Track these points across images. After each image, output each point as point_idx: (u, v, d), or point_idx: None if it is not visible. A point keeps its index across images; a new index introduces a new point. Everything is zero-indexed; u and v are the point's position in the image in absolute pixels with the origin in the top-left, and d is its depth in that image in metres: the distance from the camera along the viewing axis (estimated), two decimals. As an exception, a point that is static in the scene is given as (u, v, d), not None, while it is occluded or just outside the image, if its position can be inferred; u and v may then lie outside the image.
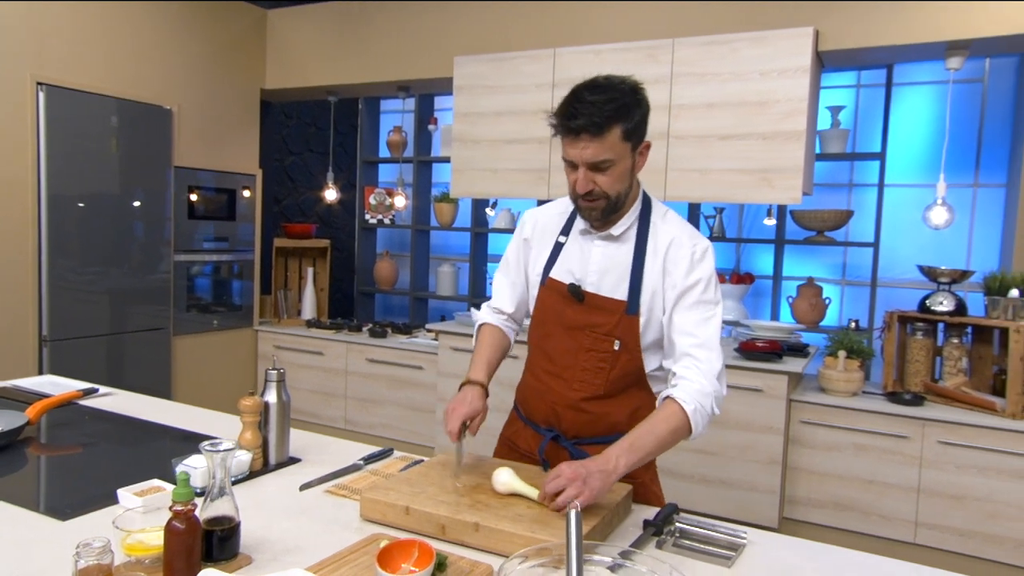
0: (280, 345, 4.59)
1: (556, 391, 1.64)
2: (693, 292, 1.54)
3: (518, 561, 1.06)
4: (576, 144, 1.46)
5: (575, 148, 1.47)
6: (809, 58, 3.08)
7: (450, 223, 5.21)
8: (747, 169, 3.23)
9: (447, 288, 5.25)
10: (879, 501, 3.07)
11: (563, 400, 1.63)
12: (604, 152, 1.45)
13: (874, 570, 1.34)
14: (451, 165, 3.99)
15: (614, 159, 1.47)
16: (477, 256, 5.09)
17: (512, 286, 1.79)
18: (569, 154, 1.49)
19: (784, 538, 1.47)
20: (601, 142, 1.44)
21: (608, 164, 1.47)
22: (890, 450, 3.04)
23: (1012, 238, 3.77)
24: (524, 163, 3.74)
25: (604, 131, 1.43)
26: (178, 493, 1.14)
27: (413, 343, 4.26)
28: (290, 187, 5.57)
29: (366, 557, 1.25)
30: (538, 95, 3.67)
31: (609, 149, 1.45)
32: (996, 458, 2.87)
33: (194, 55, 4.17)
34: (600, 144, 1.44)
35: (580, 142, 1.45)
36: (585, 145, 1.45)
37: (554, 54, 3.62)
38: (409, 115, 5.79)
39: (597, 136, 1.43)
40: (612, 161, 1.47)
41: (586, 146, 1.45)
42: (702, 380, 1.49)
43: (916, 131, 4.17)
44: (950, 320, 3.12)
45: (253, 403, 1.67)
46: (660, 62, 3.38)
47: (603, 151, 1.45)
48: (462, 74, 3.87)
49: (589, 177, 1.49)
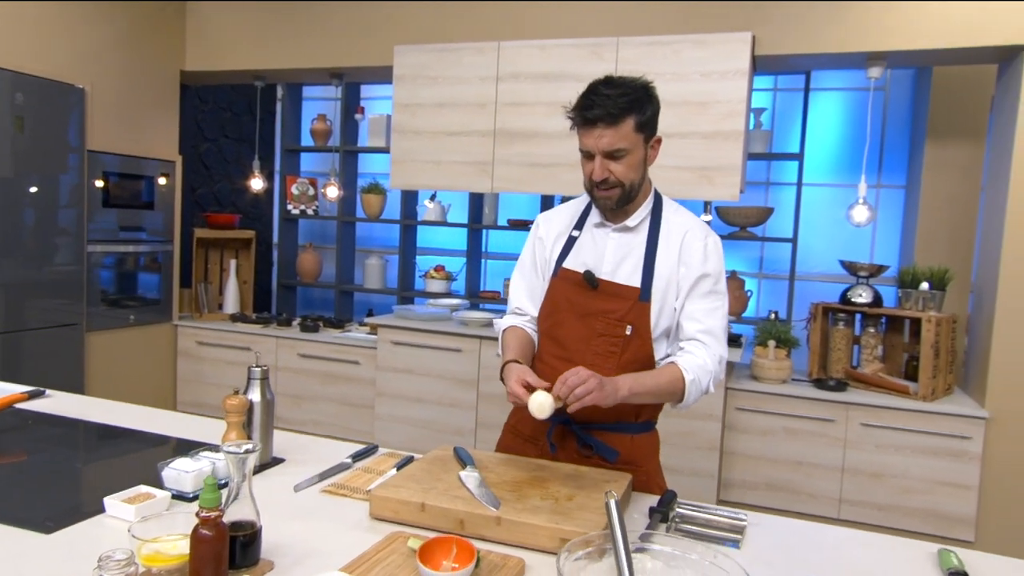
0: (203, 341, 4.37)
1: (563, 372, 1.65)
2: (705, 282, 1.63)
3: (571, 554, 1.08)
4: (592, 133, 1.53)
5: (591, 137, 1.54)
6: (747, 62, 3.23)
7: (378, 214, 5.12)
8: (689, 167, 3.36)
9: (375, 281, 5.15)
10: (807, 481, 3.28)
11: None
12: (619, 141, 1.52)
13: (868, 545, 1.44)
14: (390, 156, 3.91)
15: (628, 148, 1.54)
16: (407, 248, 5.02)
17: (530, 287, 1.81)
18: (585, 143, 1.56)
19: (778, 519, 1.55)
20: (616, 131, 1.51)
21: (622, 153, 1.54)
22: (817, 433, 3.25)
23: (912, 235, 4.10)
24: (468, 156, 3.73)
25: (619, 121, 1.51)
26: (206, 499, 1.08)
27: (348, 337, 4.16)
28: (205, 175, 5.30)
29: (395, 556, 1.23)
30: (482, 87, 3.66)
31: (623, 138, 1.52)
32: (910, 437, 3.12)
33: (107, 31, 3.89)
34: (615, 133, 1.52)
35: (596, 131, 1.52)
36: (601, 134, 1.52)
37: (498, 47, 3.62)
38: (332, 103, 5.64)
39: (612, 125, 1.51)
40: (626, 150, 1.54)
41: (602, 135, 1.52)
42: (706, 359, 1.59)
43: (824, 134, 4.46)
44: (869, 311, 3.37)
45: (239, 402, 1.60)
46: (605, 60, 3.45)
47: (618, 140, 1.52)
48: (403, 63, 3.81)
49: (604, 166, 1.55)
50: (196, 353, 4.39)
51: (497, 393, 3.66)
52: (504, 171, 3.66)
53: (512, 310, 1.83)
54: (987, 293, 3.16)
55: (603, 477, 1.56)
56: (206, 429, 1.96)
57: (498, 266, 5.21)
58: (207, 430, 1.95)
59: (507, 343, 1.74)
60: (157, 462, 1.51)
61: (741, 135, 3.28)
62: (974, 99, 3.86)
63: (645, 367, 1.65)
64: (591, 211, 1.73)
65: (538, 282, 1.79)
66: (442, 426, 3.77)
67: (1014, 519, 3.05)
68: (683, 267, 1.63)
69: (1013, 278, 3.00)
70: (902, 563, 1.36)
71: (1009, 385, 3.03)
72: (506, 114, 3.63)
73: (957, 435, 3.06)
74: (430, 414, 3.79)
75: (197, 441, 1.82)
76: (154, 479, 1.49)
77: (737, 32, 3.26)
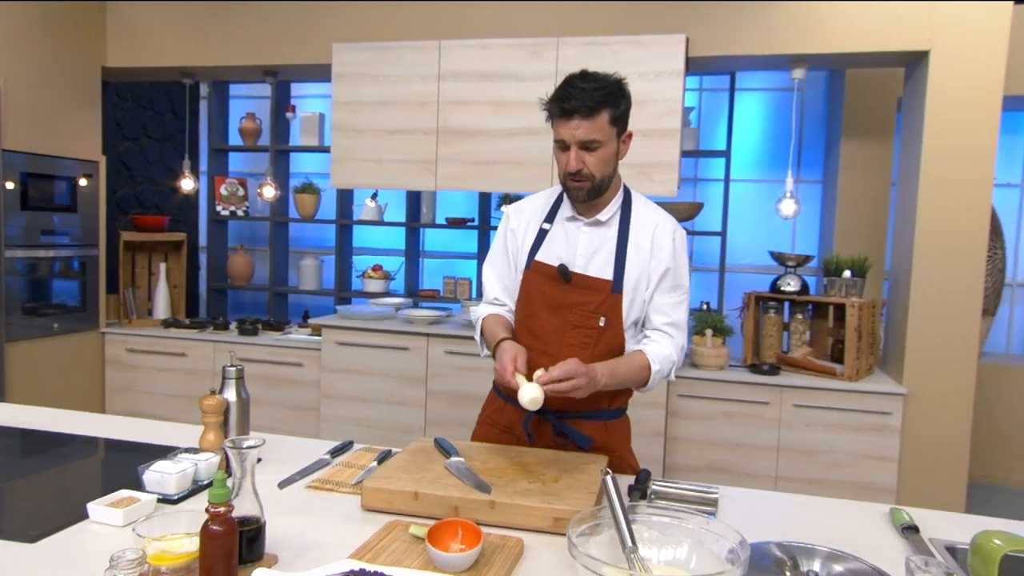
0: (134, 348, 4.20)
1: (543, 366, 1.69)
2: (672, 275, 1.71)
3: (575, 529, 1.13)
4: (568, 124, 1.59)
5: (567, 128, 1.59)
6: (682, 62, 3.37)
7: (313, 215, 5.04)
8: (629, 164, 3.44)
9: (311, 282, 5.08)
10: (746, 461, 3.45)
11: None
12: (593, 132, 1.58)
13: (827, 509, 1.56)
14: (331, 155, 3.87)
15: (602, 140, 1.60)
16: (343, 248, 4.97)
17: (502, 278, 1.85)
18: (561, 134, 1.61)
19: (744, 490, 1.66)
20: (591, 123, 1.57)
21: (597, 145, 1.60)
22: (753, 415, 3.43)
23: (830, 227, 4.37)
24: (411, 154, 3.73)
25: (594, 113, 1.57)
26: (215, 494, 1.09)
27: (289, 339, 4.09)
28: (127, 176, 5.09)
29: (398, 543, 1.26)
30: (424, 86, 3.68)
31: (598, 131, 1.59)
32: (838, 415, 3.34)
33: (21, 24, 3.68)
34: (591, 125, 1.57)
35: (572, 122, 1.58)
36: (577, 125, 1.58)
37: (439, 46, 3.65)
38: (260, 101, 5.51)
39: (588, 117, 1.57)
40: (600, 142, 1.60)
41: (578, 126, 1.58)
42: (671, 350, 1.68)
43: (747, 132, 4.70)
44: (797, 299, 3.58)
45: (216, 402, 1.59)
46: (545, 59, 3.52)
47: (593, 131, 1.58)
48: (341, 61, 3.78)
49: (579, 157, 1.61)
50: (126, 361, 4.22)
51: (446, 390, 3.69)
52: (448, 169, 3.69)
53: (490, 300, 1.86)
54: (902, 279, 3.41)
55: (582, 460, 1.63)
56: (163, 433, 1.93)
57: (435, 264, 5.22)
58: (164, 434, 1.92)
59: (491, 326, 1.77)
60: (122, 467, 1.49)
61: (677, 133, 3.42)
62: (883, 100, 4.15)
63: (617, 356, 1.72)
64: (562, 204, 1.78)
65: (510, 273, 1.83)
66: (390, 425, 3.77)
67: (929, 486, 3.31)
68: (653, 260, 1.70)
69: (925, 266, 3.26)
70: (861, 522, 1.49)
71: (923, 363, 3.28)
72: (449, 112, 3.66)
73: (879, 411, 3.29)
74: (378, 413, 3.77)
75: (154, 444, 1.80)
76: (129, 483, 1.47)
77: (672, 34, 3.40)
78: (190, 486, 1.47)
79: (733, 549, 1.10)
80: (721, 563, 1.11)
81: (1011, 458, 4.28)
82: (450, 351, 3.66)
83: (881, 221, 4.20)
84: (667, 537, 1.19)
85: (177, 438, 1.87)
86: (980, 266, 3.20)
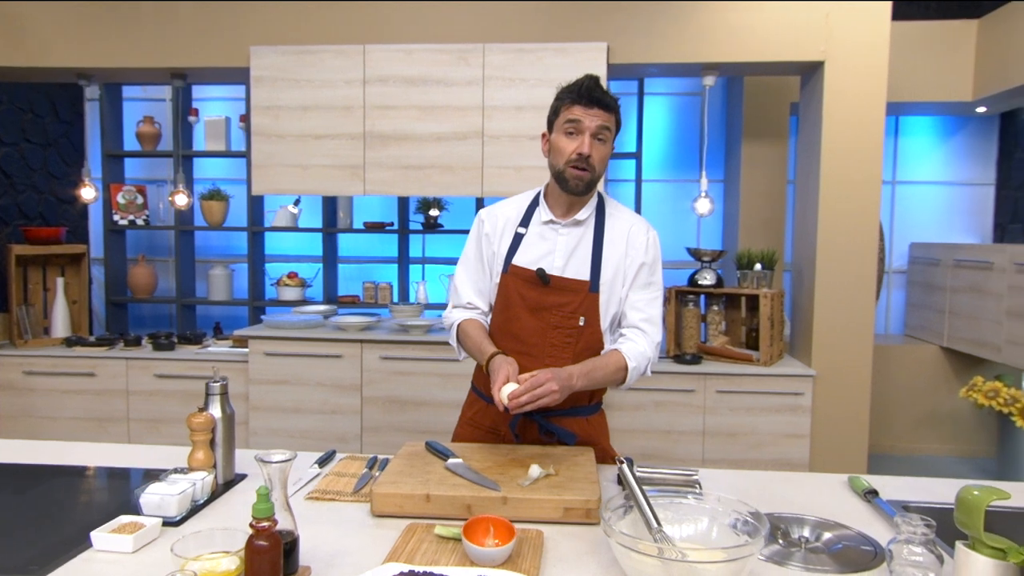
0: (31, 370, 3.90)
1: (527, 368, 1.75)
2: (647, 273, 1.80)
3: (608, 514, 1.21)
4: (589, 112, 1.68)
5: (588, 114, 1.68)
6: (604, 69, 3.52)
7: (221, 222, 4.86)
8: (556, 167, 3.58)
9: (221, 292, 4.89)
10: (675, 447, 3.65)
11: None
12: (608, 123, 1.70)
13: (793, 482, 1.72)
14: (252, 161, 3.75)
15: (611, 134, 1.72)
16: (256, 256, 4.82)
17: (476, 281, 1.88)
18: (578, 115, 1.69)
19: (716, 471, 1.79)
20: (607, 117, 1.70)
21: (607, 136, 1.71)
22: (680, 403, 3.63)
23: (732, 224, 4.68)
24: (337, 159, 3.68)
25: (611, 111, 1.70)
26: (259, 509, 1.09)
27: (210, 353, 3.93)
28: (6, 184, 4.70)
29: (427, 545, 1.29)
30: (349, 91, 3.64)
31: (611, 124, 1.71)
32: (756, 399, 3.60)
33: None
34: (607, 117, 1.69)
35: (594, 110, 1.68)
36: (597, 114, 1.68)
37: (363, 50, 3.62)
38: (157, 104, 5.24)
39: (606, 112, 1.69)
40: (609, 135, 1.72)
41: (598, 115, 1.68)
42: (646, 346, 1.76)
43: (653, 134, 4.95)
44: (714, 291, 3.82)
45: (205, 420, 1.55)
46: (472, 65, 3.58)
47: (607, 122, 1.70)
48: (260, 65, 3.67)
49: (591, 144, 1.69)
50: (23, 385, 3.91)
51: (382, 396, 3.67)
52: (376, 174, 3.67)
53: (463, 305, 1.90)
54: (806, 271, 3.72)
55: (571, 453, 1.71)
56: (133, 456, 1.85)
57: (352, 270, 5.15)
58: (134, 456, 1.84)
59: (470, 334, 1.81)
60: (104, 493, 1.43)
61: (602, 137, 3.57)
62: (777, 104, 4.49)
63: (597, 354, 1.81)
64: (537, 209, 1.85)
65: (484, 277, 1.88)
66: (324, 434, 3.70)
67: (837, 459, 3.63)
68: (628, 257, 1.80)
69: (827, 257, 3.56)
70: (825, 491, 1.65)
71: (829, 346, 3.59)
72: (375, 117, 3.64)
73: (792, 392, 3.57)
74: (310, 423, 3.70)
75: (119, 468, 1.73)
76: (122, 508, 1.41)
77: (594, 42, 3.54)
78: (189, 506, 1.43)
79: (747, 522, 1.21)
80: (736, 536, 1.22)
81: (895, 428, 4.74)
82: (385, 356, 3.64)
83: (779, 216, 4.54)
84: (684, 516, 1.29)
85: (138, 459, 1.79)
86: (873, 256, 3.55)
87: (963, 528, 1.09)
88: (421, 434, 3.65)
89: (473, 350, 1.80)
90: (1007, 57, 4.16)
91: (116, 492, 1.65)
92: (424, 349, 3.63)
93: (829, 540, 1.37)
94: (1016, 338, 3.85)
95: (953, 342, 4.47)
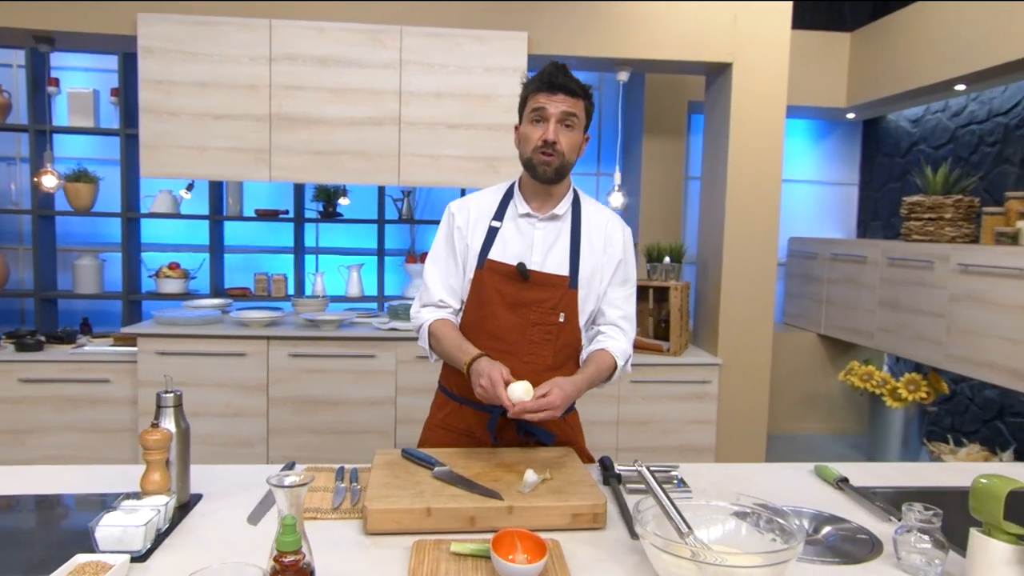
0: None
1: (507, 366, 1.68)
2: (623, 270, 1.78)
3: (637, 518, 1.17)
4: (553, 98, 1.63)
5: (552, 101, 1.64)
6: (524, 59, 3.48)
7: (90, 207, 4.37)
8: (476, 156, 3.51)
9: (90, 285, 4.40)
10: (592, 438, 3.66)
11: (514, 374, 1.69)
12: (575, 108, 1.65)
13: (765, 473, 1.77)
14: (140, 140, 3.38)
15: (578, 120, 1.67)
16: (131, 245, 4.38)
17: (447, 277, 1.78)
18: (542, 102, 1.64)
19: (692, 465, 1.81)
20: (574, 102, 1.65)
21: (574, 122, 1.66)
22: (596, 393, 3.65)
23: (633, 217, 4.81)
24: (241, 141, 3.39)
25: (576, 97, 1.65)
26: (285, 542, 0.97)
27: (87, 353, 3.52)
28: None
29: (445, 564, 1.20)
30: (254, 68, 3.36)
31: (578, 110, 1.66)
32: (668, 387, 3.72)
33: None
34: (573, 103, 1.64)
35: (558, 96, 1.63)
36: (562, 100, 1.63)
37: (270, 24, 3.35)
38: (2, 70, 4.62)
39: (572, 97, 1.64)
40: (577, 120, 1.67)
41: (563, 100, 1.63)
42: (626, 344, 1.75)
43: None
44: (626, 284, 3.89)
45: (162, 436, 1.36)
46: (388, 47, 3.41)
47: (574, 108, 1.65)
48: (149, 34, 3.31)
49: (556, 130, 1.64)
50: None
51: (290, 396, 3.45)
52: (284, 159, 3.42)
53: (433, 303, 1.79)
54: (712, 264, 3.87)
55: (554, 454, 1.66)
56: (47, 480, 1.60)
57: (238, 260, 4.81)
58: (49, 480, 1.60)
59: (446, 335, 1.71)
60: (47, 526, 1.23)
61: (522, 128, 3.52)
62: (676, 102, 4.65)
63: (576, 350, 1.78)
64: (512, 202, 1.78)
65: (457, 273, 1.78)
66: (225, 439, 3.43)
67: (740, 443, 3.82)
68: (606, 255, 1.77)
69: (733, 250, 3.73)
70: (796, 481, 1.71)
71: (733, 336, 3.77)
72: (283, 98, 3.39)
73: (700, 380, 3.72)
74: (210, 427, 3.41)
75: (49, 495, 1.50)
76: (66, 546, 1.21)
77: (515, 31, 3.49)
78: (154, 537, 1.25)
79: (770, 520, 1.22)
80: (761, 535, 1.22)
81: (776, 410, 5.08)
82: (295, 354, 3.42)
83: (677, 211, 4.72)
84: (702, 518, 1.28)
85: (57, 483, 1.56)
86: (775, 249, 3.76)
87: (977, 516, 1.15)
88: (334, 435, 3.47)
89: (450, 351, 1.71)
90: (876, 69, 4.54)
91: (50, 526, 1.42)
92: (337, 345, 3.45)
93: (828, 533, 1.41)
94: (887, 325, 4.22)
95: (830, 330, 4.84)
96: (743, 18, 3.62)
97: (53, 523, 1.43)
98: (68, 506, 1.46)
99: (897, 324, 4.12)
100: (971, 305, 3.56)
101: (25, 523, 1.43)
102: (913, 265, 3.97)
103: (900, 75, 4.33)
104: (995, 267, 3.41)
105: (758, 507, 1.25)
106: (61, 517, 1.45)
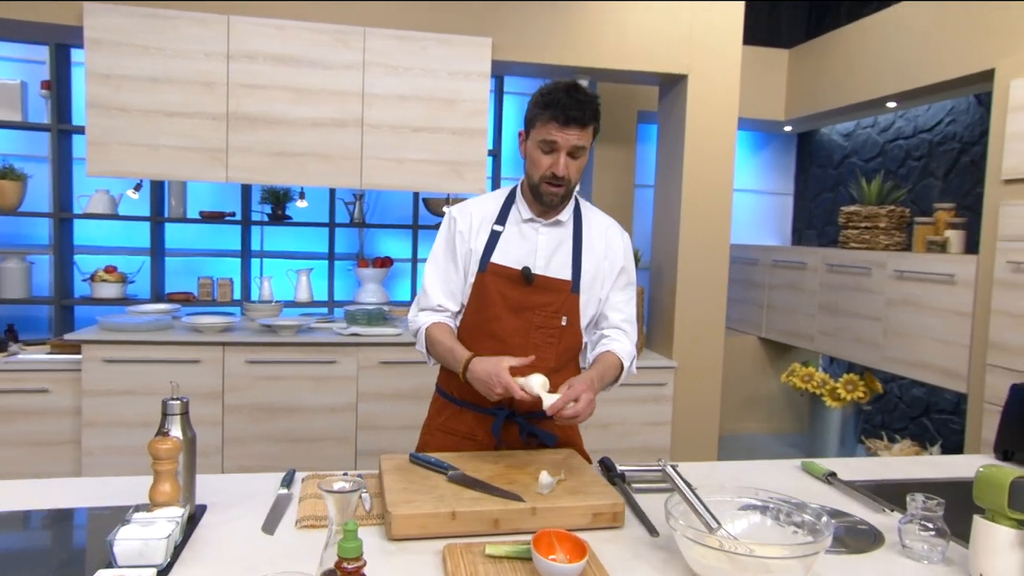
0: None
1: (512, 369, 1.68)
2: (625, 275, 1.81)
3: (676, 515, 1.20)
4: (565, 130, 1.61)
5: (564, 134, 1.61)
6: (488, 64, 3.49)
7: (17, 206, 4.11)
8: (439, 160, 3.49)
9: (17, 289, 4.14)
10: (551, 440, 3.72)
11: (519, 376, 1.69)
12: (584, 140, 1.64)
13: (755, 470, 1.83)
14: (88, 136, 3.21)
15: (586, 149, 1.67)
16: (63, 246, 4.15)
17: (447, 281, 1.77)
18: (554, 135, 1.62)
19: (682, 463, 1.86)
20: (584, 133, 1.64)
21: (582, 153, 1.66)
22: (556, 397, 3.71)
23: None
24: (195, 140, 3.27)
25: (588, 125, 1.63)
26: (346, 549, 0.95)
27: (21, 361, 3.31)
28: None
29: (482, 567, 1.20)
30: (209, 65, 3.24)
31: (587, 140, 1.65)
32: (626, 390, 3.78)
33: None
34: (583, 134, 1.63)
35: (570, 129, 1.61)
36: (573, 132, 1.61)
37: (228, 20, 3.25)
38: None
39: (584, 127, 1.62)
40: (585, 150, 1.67)
41: (573, 133, 1.61)
42: (630, 346, 1.79)
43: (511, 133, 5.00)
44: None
45: (173, 445, 1.30)
46: (352, 48, 3.36)
47: (584, 139, 1.64)
48: (97, 25, 3.15)
49: (567, 164, 1.64)
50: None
51: (247, 403, 3.33)
52: (241, 159, 3.32)
53: (432, 307, 1.78)
54: (667, 270, 3.98)
55: (559, 456, 1.68)
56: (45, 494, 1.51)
57: (178, 264, 4.62)
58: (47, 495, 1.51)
59: (442, 341, 1.70)
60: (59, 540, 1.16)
61: (485, 133, 3.53)
62: (626, 112, 4.76)
63: (577, 353, 1.80)
64: (514, 206, 1.78)
65: (457, 277, 1.78)
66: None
67: (694, 443, 3.93)
68: (607, 260, 1.80)
69: (688, 256, 3.84)
70: (786, 477, 1.78)
71: (688, 340, 3.88)
72: (241, 97, 3.29)
73: (656, 383, 3.81)
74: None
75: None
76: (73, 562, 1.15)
77: (479, 36, 3.49)
78: (173, 549, 1.20)
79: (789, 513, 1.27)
80: (782, 528, 1.27)
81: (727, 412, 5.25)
82: (252, 360, 3.31)
83: (627, 218, 4.82)
84: (726, 512, 1.32)
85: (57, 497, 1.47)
86: (726, 255, 3.89)
87: (981, 503, 1.23)
88: (292, 443, 3.38)
89: (446, 355, 1.70)
90: (813, 85, 4.78)
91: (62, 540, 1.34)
92: (297, 351, 3.36)
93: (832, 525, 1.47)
94: (826, 329, 4.44)
95: (771, 333, 5.04)
96: (697, 31, 3.74)
97: (63, 538, 1.35)
98: (71, 521, 1.37)
99: (836, 327, 4.34)
100: (906, 309, 3.78)
101: (29, 539, 1.34)
102: (851, 271, 4.19)
103: (836, 91, 4.57)
104: (928, 273, 3.64)
105: (780, 502, 1.30)
106: (65, 532, 1.36)
